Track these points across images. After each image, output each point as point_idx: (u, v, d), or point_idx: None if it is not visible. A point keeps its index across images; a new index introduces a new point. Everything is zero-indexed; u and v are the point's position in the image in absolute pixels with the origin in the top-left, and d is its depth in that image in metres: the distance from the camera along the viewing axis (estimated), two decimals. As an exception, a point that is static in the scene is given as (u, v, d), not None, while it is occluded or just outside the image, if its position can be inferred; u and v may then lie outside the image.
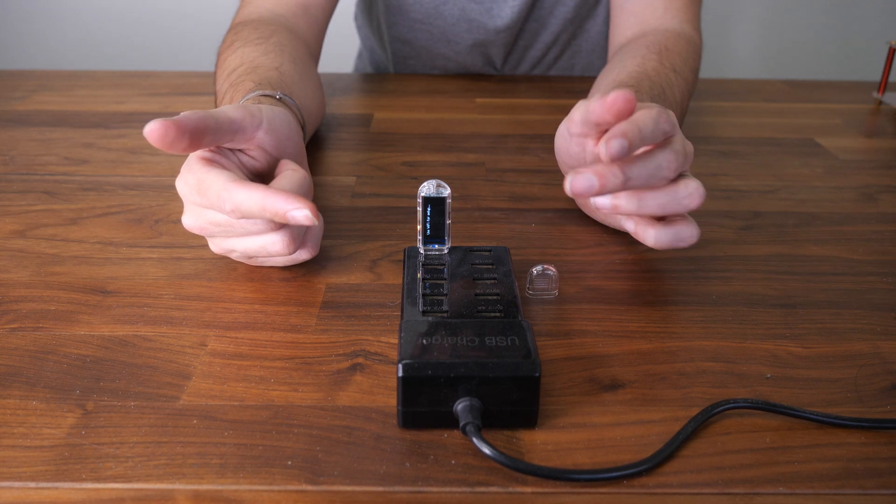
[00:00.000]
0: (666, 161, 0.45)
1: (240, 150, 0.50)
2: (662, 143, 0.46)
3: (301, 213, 0.43)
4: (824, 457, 0.36)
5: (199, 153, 0.48)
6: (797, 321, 0.47)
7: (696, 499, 0.34)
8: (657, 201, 0.46)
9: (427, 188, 0.47)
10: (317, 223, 0.43)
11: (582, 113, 0.48)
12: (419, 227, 0.48)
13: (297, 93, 0.64)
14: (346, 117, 0.84)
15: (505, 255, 0.48)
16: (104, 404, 0.39)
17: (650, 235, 0.48)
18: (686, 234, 0.48)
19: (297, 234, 0.48)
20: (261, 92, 0.58)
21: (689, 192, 0.46)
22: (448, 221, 0.48)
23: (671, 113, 0.47)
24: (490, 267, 0.47)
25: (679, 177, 0.47)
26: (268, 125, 0.50)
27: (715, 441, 0.37)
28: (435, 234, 0.48)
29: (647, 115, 0.45)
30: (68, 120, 0.81)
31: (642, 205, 0.46)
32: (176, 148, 0.44)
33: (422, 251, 0.48)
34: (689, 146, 0.48)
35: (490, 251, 0.49)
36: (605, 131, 0.47)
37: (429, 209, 0.48)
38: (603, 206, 0.45)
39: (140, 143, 0.75)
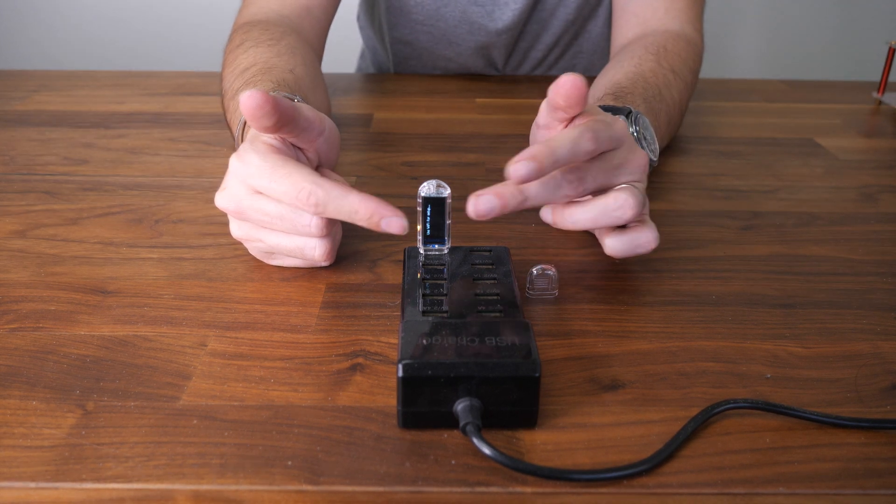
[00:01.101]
0: (566, 181, 0.46)
1: (298, 149, 0.51)
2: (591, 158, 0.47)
3: (399, 220, 0.44)
4: (824, 457, 0.36)
5: (270, 140, 0.48)
6: (797, 321, 0.47)
7: (696, 499, 0.34)
8: (587, 216, 0.47)
9: (427, 188, 0.47)
10: (406, 232, 0.45)
11: (544, 103, 0.49)
12: (419, 228, 0.48)
13: (311, 97, 0.65)
14: (347, 117, 0.84)
15: (505, 255, 0.48)
16: (104, 404, 0.39)
17: (605, 245, 0.49)
18: (643, 240, 0.48)
19: (336, 244, 0.50)
20: (279, 93, 0.59)
21: (619, 205, 0.46)
22: (448, 221, 0.48)
23: (604, 129, 0.46)
24: (490, 267, 0.47)
25: (615, 188, 0.48)
26: (328, 133, 0.51)
27: (715, 441, 0.37)
28: (435, 235, 0.48)
29: (566, 136, 0.45)
30: (68, 120, 0.81)
31: (575, 220, 0.47)
32: (262, 122, 0.44)
33: (422, 251, 0.48)
34: (627, 160, 0.49)
35: (490, 251, 0.49)
36: (571, 119, 0.48)
37: (429, 209, 0.47)
38: (546, 220, 0.49)
39: (140, 143, 0.75)
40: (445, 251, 0.48)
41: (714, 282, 0.51)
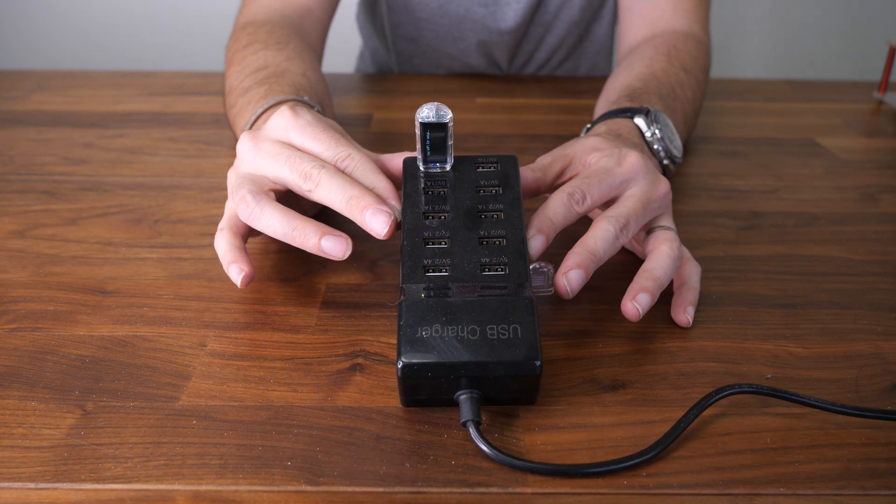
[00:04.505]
0: (618, 235, 0.45)
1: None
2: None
3: (383, 221, 0.43)
4: (824, 457, 0.36)
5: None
6: (797, 321, 0.47)
7: (696, 499, 0.34)
8: (652, 294, 0.45)
9: (426, 113, 0.44)
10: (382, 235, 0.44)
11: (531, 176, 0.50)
12: (418, 147, 0.45)
13: (324, 101, 0.66)
14: (346, 117, 0.84)
15: (513, 170, 0.46)
16: (103, 405, 0.39)
17: (681, 321, 0.47)
18: (694, 280, 0.49)
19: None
20: (298, 97, 0.61)
21: (664, 265, 0.46)
22: (450, 142, 0.45)
23: (606, 179, 0.47)
24: (497, 190, 0.44)
25: (648, 250, 0.48)
26: None
27: (715, 441, 0.37)
28: (436, 154, 0.45)
29: (555, 201, 0.45)
30: (67, 120, 0.81)
31: (645, 304, 0.44)
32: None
33: (422, 169, 0.46)
34: (649, 193, 0.48)
35: (497, 163, 0.46)
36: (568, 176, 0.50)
37: (428, 134, 0.44)
38: (632, 317, 0.44)
39: (139, 143, 0.75)
40: (448, 168, 0.46)
41: (714, 282, 0.51)
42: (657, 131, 0.58)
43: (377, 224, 0.43)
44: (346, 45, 1.28)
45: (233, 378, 0.41)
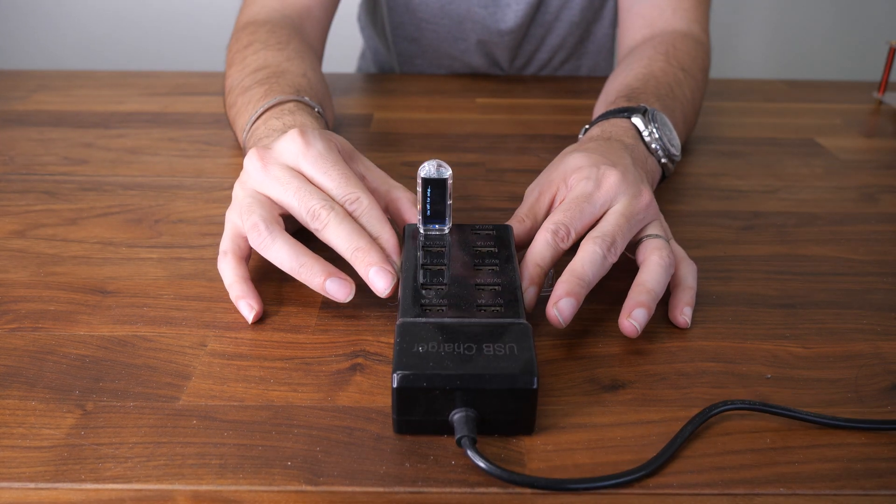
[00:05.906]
0: (606, 255, 0.45)
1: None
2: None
3: (385, 283, 0.43)
4: (824, 457, 0.36)
5: (338, 144, 0.50)
6: (797, 321, 0.47)
7: (696, 499, 0.34)
8: (648, 310, 0.44)
9: (427, 169, 0.46)
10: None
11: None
12: (419, 208, 0.47)
13: (324, 101, 0.67)
14: (346, 117, 0.84)
15: (508, 235, 0.47)
16: (104, 405, 0.39)
17: (680, 322, 0.47)
18: (690, 280, 0.49)
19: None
20: (298, 98, 0.61)
21: (658, 276, 0.46)
22: (449, 202, 0.46)
23: (588, 209, 0.47)
24: (492, 250, 0.46)
25: (641, 261, 0.47)
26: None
27: (715, 442, 0.37)
28: (435, 215, 0.47)
29: (540, 245, 0.46)
30: (68, 120, 0.81)
31: (641, 320, 0.44)
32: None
33: (422, 231, 0.47)
34: (632, 207, 0.48)
35: (493, 230, 0.48)
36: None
37: (429, 190, 0.46)
38: (631, 335, 0.44)
39: (139, 143, 0.75)
40: (446, 231, 0.47)
41: (714, 282, 0.51)
42: (654, 130, 0.58)
43: (380, 283, 0.44)
44: (347, 45, 1.28)
45: (233, 378, 0.41)
